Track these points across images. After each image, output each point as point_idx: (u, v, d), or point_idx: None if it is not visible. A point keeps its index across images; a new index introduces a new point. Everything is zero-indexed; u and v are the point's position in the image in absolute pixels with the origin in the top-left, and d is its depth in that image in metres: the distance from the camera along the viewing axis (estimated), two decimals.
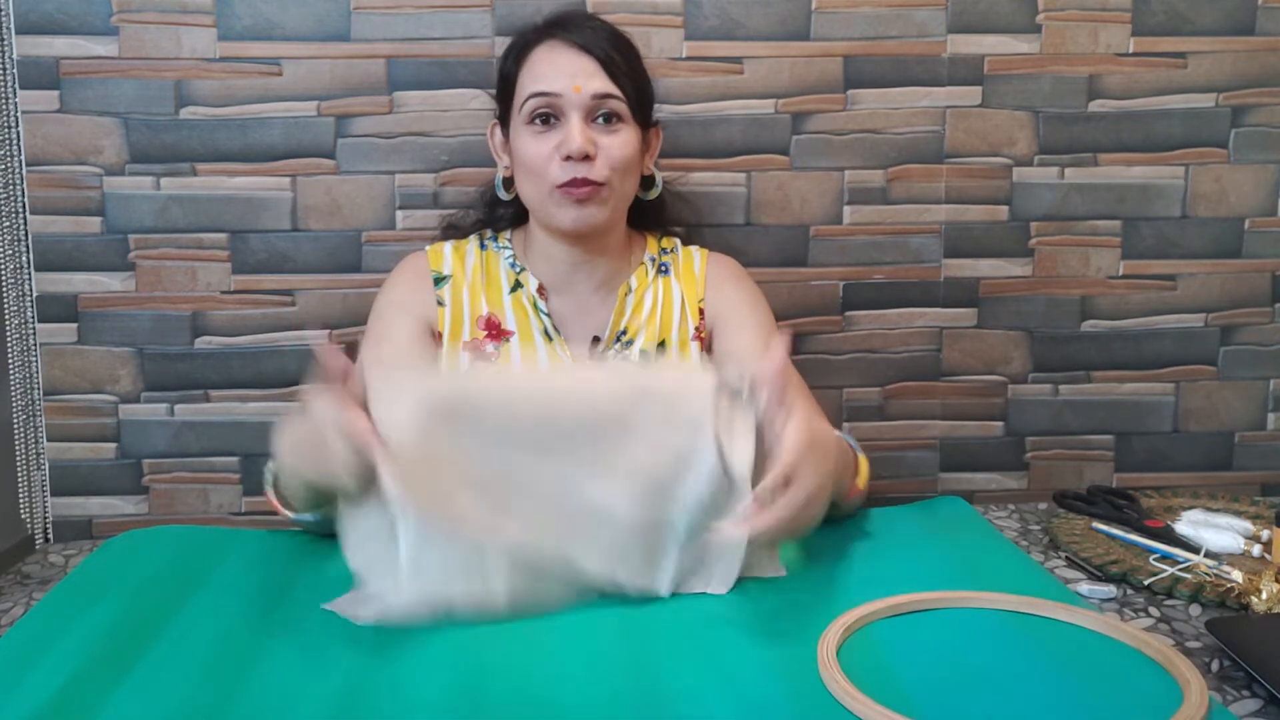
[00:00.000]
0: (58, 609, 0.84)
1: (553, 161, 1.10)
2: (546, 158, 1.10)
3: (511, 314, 1.19)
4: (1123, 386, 1.52)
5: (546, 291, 1.19)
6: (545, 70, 1.11)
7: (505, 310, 1.19)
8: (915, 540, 0.97)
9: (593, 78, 1.10)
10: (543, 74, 1.11)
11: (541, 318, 1.18)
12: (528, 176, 1.13)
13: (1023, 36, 1.45)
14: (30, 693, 0.70)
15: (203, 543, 0.96)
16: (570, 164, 1.09)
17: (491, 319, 1.18)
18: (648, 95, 1.18)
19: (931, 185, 1.47)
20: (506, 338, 1.18)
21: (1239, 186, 1.49)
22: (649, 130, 1.20)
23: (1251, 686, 0.75)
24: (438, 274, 1.20)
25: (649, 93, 1.18)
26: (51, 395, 1.42)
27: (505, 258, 1.21)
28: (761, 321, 1.21)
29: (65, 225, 1.40)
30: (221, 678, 0.72)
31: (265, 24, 1.39)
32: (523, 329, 1.18)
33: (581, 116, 1.10)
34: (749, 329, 1.19)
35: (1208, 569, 0.95)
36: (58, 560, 1.06)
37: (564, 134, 1.09)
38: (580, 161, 1.09)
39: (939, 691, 0.69)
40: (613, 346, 1.18)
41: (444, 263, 1.21)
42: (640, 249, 1.25)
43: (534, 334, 1.18)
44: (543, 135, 1.11)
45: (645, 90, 1.17)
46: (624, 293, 1.20)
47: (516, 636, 0.81)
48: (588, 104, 1.10)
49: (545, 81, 1.11)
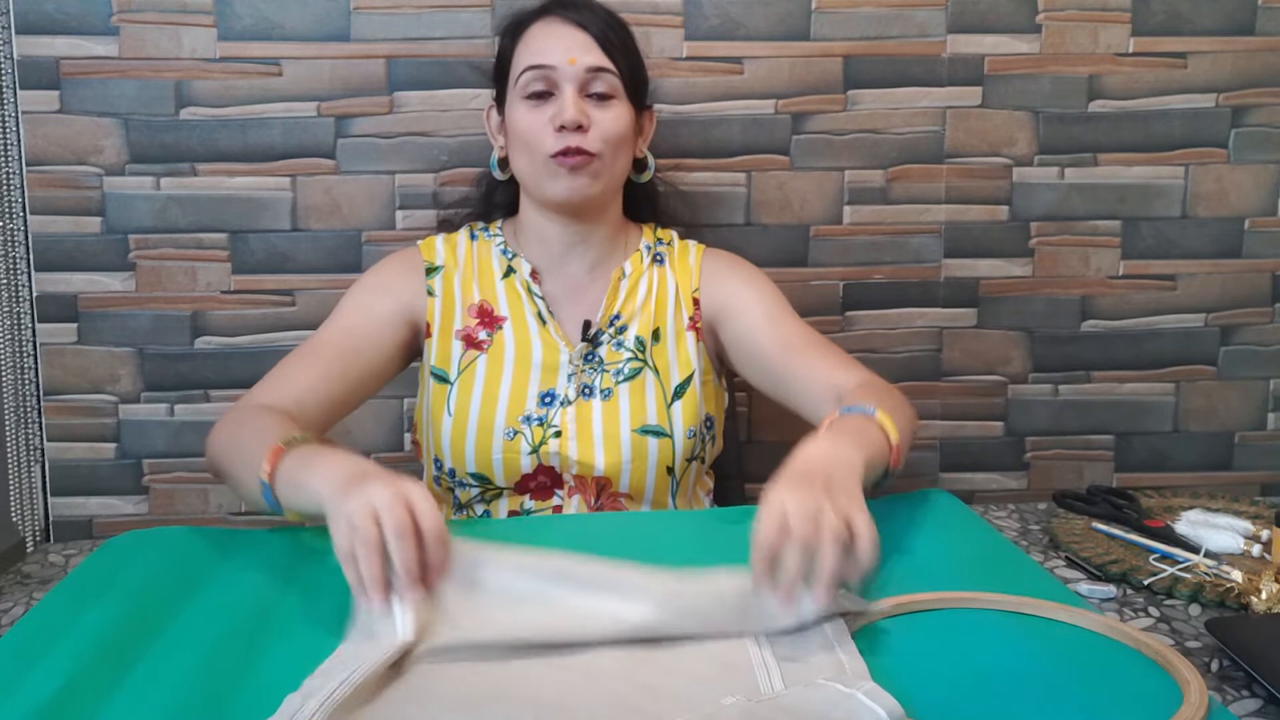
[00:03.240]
0: (58, 609, 0.84)
1: (546, 131, 1.10)
2: (540, 128, 1.10)
3: (504, 299, 1.17)
4: (1123, 386, 1.52)
5: (539, 275, 1.18)
6: (541, 45, 1.12)
7: (498, 296, 1.18)
8: (914, 540, 0.97)
9: (587, 51, 1.11)
10: (539, 48, 1.12)
11: (535, 300, 1.17)
12: (522, 149, 1.13)
13: (1023, 36, 1.45)
14: (30, 693, 0.70)
15: (203, 543, 0.96)
16: (564, 134, 1.09)
17: (484, 306, 1.17)
18: (641, 76, 1.17)
19: (931, 185, 1.47)
20: (499, 324, 1.16)
21: (1239, 186, 1.49)
22: (642, 113, 1.19)
23: (1251, 686, 0.75)
24: (430, 264, 1.19)
25: (643, 74, 1.18)
26: (51, 395, 1.42)
27: (497, 244, 1.21)
28: (765, 296, 1.19)
29: (65, 225, 1.40)
30: (221, 678, 0.71)
31: (265, 24, 1.39)
32: (515, 314, 1.17)
33: (575, 89, 1.10)
34: (753, 306, 1.18)
35: (1207, 569, 0.95)
36: (58, 560, 1.05)
37: (558, 106, 1.10)
38: (574, 132, 1.09)
39: (939, 691, 0.69)
40: (606, 331, 1.17)
41: (436, 254, 1.20)
42: (636, 237, 1.24)
43: (527, 318, 1.16)
44: (537, 108, 1.11)
45: (639, 70, 1.17)
46: (618, 277, 1.18)
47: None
48: (581, 77, 1.10)
49: (540, 55, 1.11)
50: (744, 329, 1.17)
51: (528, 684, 0.70)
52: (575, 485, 1.13)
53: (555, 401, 1.14)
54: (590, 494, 1.14)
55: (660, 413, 1.14)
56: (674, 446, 1.14)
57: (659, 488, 1.15)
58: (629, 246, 1.22)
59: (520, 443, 1.12)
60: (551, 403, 1.14)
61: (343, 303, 1.17)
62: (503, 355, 1.15)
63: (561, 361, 1.15)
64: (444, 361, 1.16)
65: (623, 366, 1.16)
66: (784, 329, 1.16)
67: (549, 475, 1.13)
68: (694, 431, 1.15)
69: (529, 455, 1.12)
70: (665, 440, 1.13)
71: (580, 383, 1.14)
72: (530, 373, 1.14)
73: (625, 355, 1.16)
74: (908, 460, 1.49)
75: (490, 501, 1.15)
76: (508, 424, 1.12)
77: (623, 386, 1.14)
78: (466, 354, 1.16)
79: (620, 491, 1.14)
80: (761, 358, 1.16)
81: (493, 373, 1.14)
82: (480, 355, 1.15)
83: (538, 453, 1.12)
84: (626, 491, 1.14)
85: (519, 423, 1.12)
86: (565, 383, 1.14)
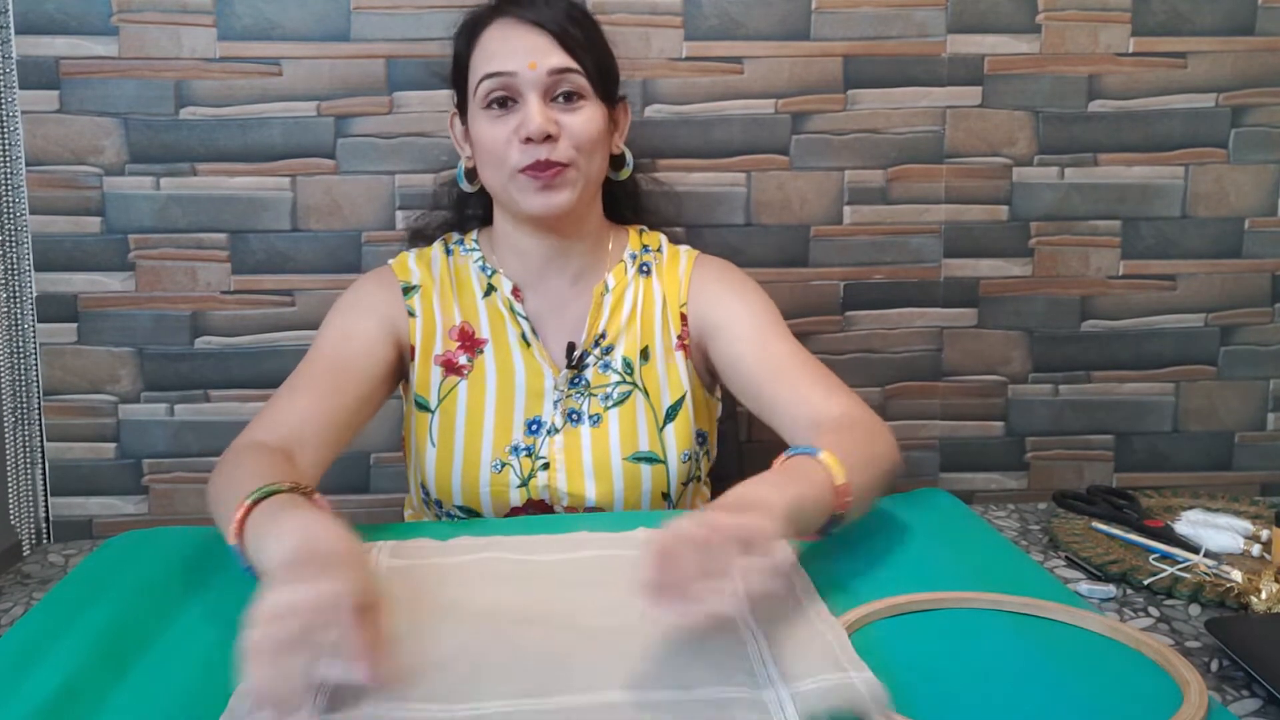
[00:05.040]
0: (58, 609, 0.84)
1: (512, 145, 1.03)
2: (505, 141, 1.03)
3: (486, 320, 1.12)
4: (1123, 386, 1.52)
5: (521, 292, 1.12)
6: (498, 49, 1.04)
7: (479, 316, 1.12)
8: (914, 540, 0.97)
9: (548, 53, 1.03)
10: (495, 52, 1.04)
11: (519, 321, 1.11)
12: (488, 163, 1.06)
13: (1023, 36, 1.45)
14: (30, 692, 0.70)
15: (203, 543, 0.95)
16: (531, 146, 1.02)
17: (465, 328, 1.11)
18: (610, 69, 1.10)
19: (931, 185, 1.47)
20: (480, 348, 1.11)
21: (1239, 186, 1.49)
22: (615, 107, 1.12)
23: (1251, 686, 0.75)
24: (405, 283, 1.13)
25: (612, 66, 1.10)
26: (51, 395, 1.42)
27: (474, 260, 1.14)
28: (754, 312, 1.12)
29: (65, 225, 1.40)
30: (221, 677, 0.71)
31: (265, 24, 1.39)
32: (497, 335, 1.11)
33: (539, 95, 1.03)
34: (742, 322, 1.11)
35: (1207, 569, 0.95)
36: (58, 560, 1.05)
37: (522, 115, 1.02)
38: (541, 143, 1.02)
39: (939, 691, 0.69)
40: (591, 352, 1.11)
41: (410, 273, 1.13)
42: (620, 244, 1.17)
43: (510, 340, 1.11)
44: (501, 119, 1.04)
45: (607, 64, 1.09)
46: (600, 292, 1.12)
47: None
48: (545, 81, 1.03)
49: (498, 60, 1.03)
50: (731, 347, 1.11)
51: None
52: None
53: (542, 430, 1.09)
54: None
55: (652, 438, 1.09)
56: (668, 472, 1.09)
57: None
58: (612, 255, 1.16)
59: (509, 475, 1.08)
60: (538, 431, 1.09)
61: (322, 330, 1.11)
62: (484, 381, 1.10)
63: (546, 387, 1.10)
64: (424, 388, 1.11)
65: (611, 390, 1.11)
66: (771, 349, 1.09)
67: (539, 508, 1.09)
68: (689, 454, 1.11)
69: (518, 489, 1.08)
70: (659, 466, 1.09)
71: (567, 408, 1.10)
72: (515, 399, 1.10)
73: (613, 378, 1.11)
74: (908, 461, 1.50)
75: None
76: (494, 455, 1.08)
77: (612, 412, 1.10)
78: (446, 380, 1.10)
79: None
80: (746, 379, 1.09)
81: (475, 400, 1.09)
82: (461, 381, 1.10)
83: (527, 486, 1.08)
84: None
85: (506, 454, 1.08)
86: (551, 409, 1.09)
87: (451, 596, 0.84)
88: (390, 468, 1.49)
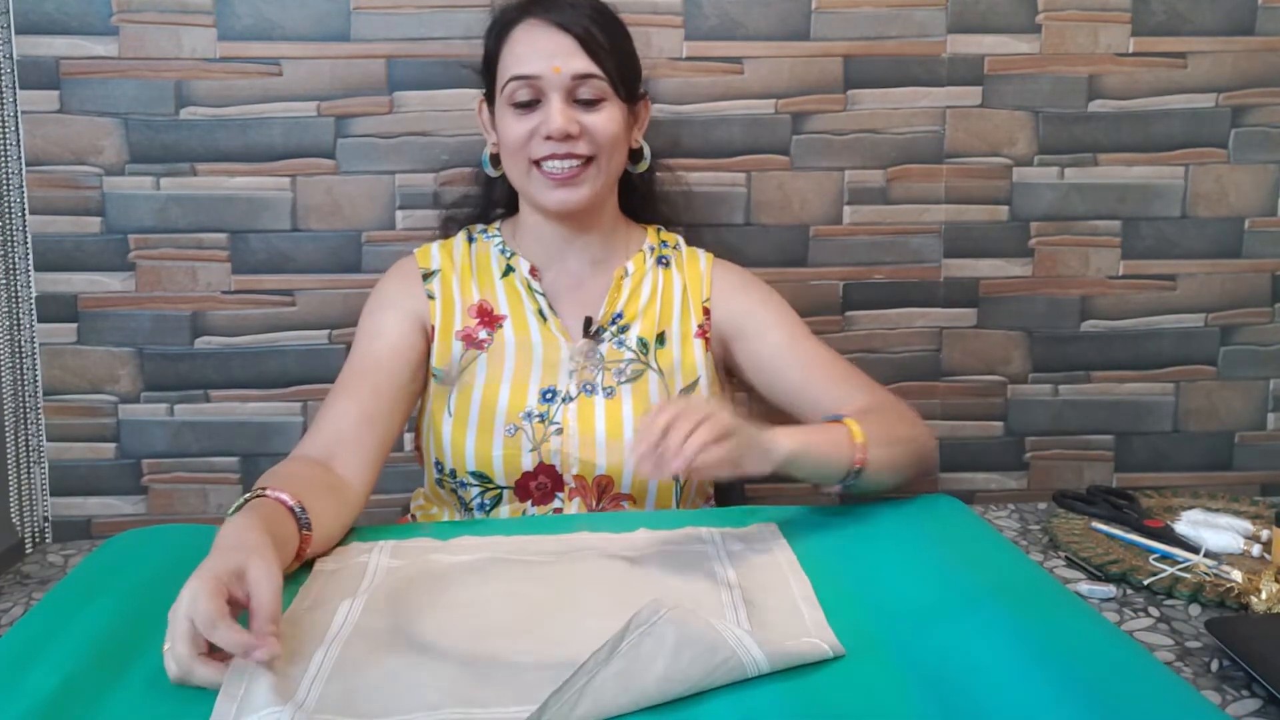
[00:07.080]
0: (57, 609, 0.84)
1: (533, 140, 1.09)
2: (527, 138, 1.10)
3: (504, 298, 1.17)
4: (1123, 386, 1.52)
5: (539, 271, 1.18)
6: (524, 51, 1.10)
7: (497, 294, 1.17)
8: (914, 542, 0.97)
9: (572, 57, 1.08)
10: (522, 55, 1.10)
11: (536, 298, 1.16)
12: (510, 156, 1.13)
13: (1023, 36, 1.45)
14: (30, 692, 0.70)
15: (203, 543, 0.95)
16: (551, 143, 1.09)
17: (483, 305, 1.17)
18: (633, 69, 1.15)
19: (931, 185, 1.47)
20: (499, 323, 1.16)
21: (1239, 186, 1.49)
22: (636, 104, 1.17)
23: (1251, 686, 0.75)
24: (426, 269, 1.18)
25: (634, 66, 1.16)
26: (51, 395, 1.42)
27: (495, 244, 1.20)
28: (783, 318, 1.19)
29: (65, 225, 1.40)
30: None
31: (265, 24, 1.39)
32: (515, 312, 1.16)
33: (562, 97, 1.09)
34: (774, 329, 1.18)
35: (1207, 569, 0.95)
36: (57, 560, 1.05)
37: (545, 114, 1.09)
38: (561, 141, 1.08)
39: (939, 691, 0.69)
40: (607, 329, 1.16)
41: (431, 259, 1.19)
42: (638, 237, 1.23)
43: (527, 315, 1.16)
44: (524, 116, 1.10)
45: (630, 65, 1.14)
46: (620, 275, 1.18)
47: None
48: (568, 84, 1.09)
49: (524, 63, 1.09)
50: (765, 351, 1.17)
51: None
52: (576, 487, 1.13)
53: (556, 398, 1.13)
54: (591, 496, 1.13)
55: None
56: None
57: (662, 490, 1.14)
58: (631, 245, 1.22)
59: (521, 439, 1.11)
60: (553, 399, 1.13)
61: (356, 334, 1.17)
62: (503, 353, 1.15)
63: (562, 358, 1.14)
64: (444, 361, 1.15)
65: (624, 367, 1.15)
66: (804, 351, 1.17)
67: (549, 475, 1.12)
68: None
69: (530, 453, 1.11)
70: None
71: (582, 380, 1.14)
72: (531, 369, 1.14)
73: (627, 355, 1.15)
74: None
75: (492, 507, 1.14)
76: (508, 420, 1.12)
77: (625, 387, 1.14)
78: (466, 354, 1.15)
79: (622, 493, 1.14)
80: (783, 380, 1.17)
81: (494, 371, 1.14)
82: (480, 354, 1.15)
83: (539, 450, 1.11)
84: (628, 493, 1.14)
85: (520, 419, 1.12)
86: (566, 379, 1.14)
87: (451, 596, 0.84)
88: (391, 468, 1.48)
